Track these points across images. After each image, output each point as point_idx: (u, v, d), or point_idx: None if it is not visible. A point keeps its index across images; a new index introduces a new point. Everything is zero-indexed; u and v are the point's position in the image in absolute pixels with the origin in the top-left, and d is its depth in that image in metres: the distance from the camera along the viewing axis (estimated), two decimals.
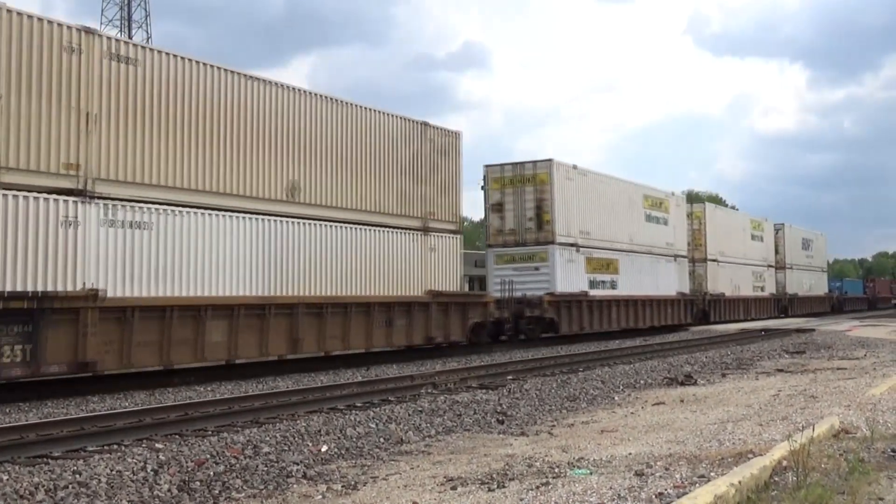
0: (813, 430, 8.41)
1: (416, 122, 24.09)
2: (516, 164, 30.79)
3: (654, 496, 6.55)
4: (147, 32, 70.07)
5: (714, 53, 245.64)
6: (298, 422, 11.55)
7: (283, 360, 19.59)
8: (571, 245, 30.97)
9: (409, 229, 23.27)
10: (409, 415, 12.39)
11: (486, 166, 31.33)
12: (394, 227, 22.74)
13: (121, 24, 68.84)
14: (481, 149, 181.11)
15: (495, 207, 31.00)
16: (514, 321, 28.79)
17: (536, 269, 29.90)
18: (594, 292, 31.96)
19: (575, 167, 32.04)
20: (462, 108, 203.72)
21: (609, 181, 34.44)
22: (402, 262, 22.96)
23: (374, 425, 11.51)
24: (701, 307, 43.29)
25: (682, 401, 13.76)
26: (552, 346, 27.95)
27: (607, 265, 33.41)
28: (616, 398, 14.81)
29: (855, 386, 14.50)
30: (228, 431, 10.85)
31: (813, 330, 35.77)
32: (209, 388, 16.37)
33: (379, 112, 22.71)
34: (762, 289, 52.01)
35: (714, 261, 45.02)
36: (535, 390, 15.28)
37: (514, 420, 12.36)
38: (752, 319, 48.46)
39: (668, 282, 38.60)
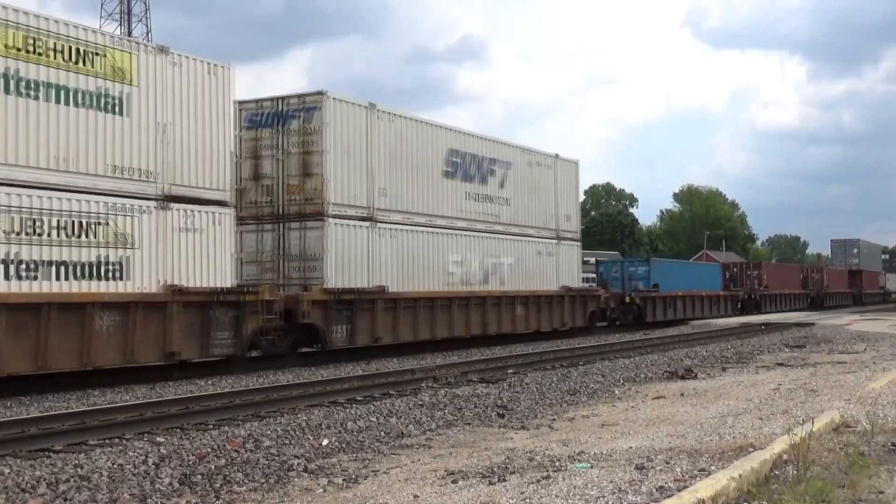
0: (813, 423, 8.42)
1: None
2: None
3: (654, 490, 6.55)
4: (147, 26, 69.59)
5: (713, 46, 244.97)
6: (299, 415, 11.57)
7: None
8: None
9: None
10: (409, 408, 12.42)
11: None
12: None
13: (120, 17, 68.40)
14: None
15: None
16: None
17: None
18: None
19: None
20: (461, 100, 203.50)
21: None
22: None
23: (374, 419, 11.53)
24: None
25: (682, 394, 13.78)
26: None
27: None
28: (616, 392, 14.83)
29: (855, 380, 14.52)
30: (229, 425, 10.87)
31: (813, 324, 35.85)
32: (210, 382, 16.39)
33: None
34: (108, 273, 15.49)
35: None
36: (536, 384, 15.31)
37: (515, 414, 12.38)
38: None
39: None
